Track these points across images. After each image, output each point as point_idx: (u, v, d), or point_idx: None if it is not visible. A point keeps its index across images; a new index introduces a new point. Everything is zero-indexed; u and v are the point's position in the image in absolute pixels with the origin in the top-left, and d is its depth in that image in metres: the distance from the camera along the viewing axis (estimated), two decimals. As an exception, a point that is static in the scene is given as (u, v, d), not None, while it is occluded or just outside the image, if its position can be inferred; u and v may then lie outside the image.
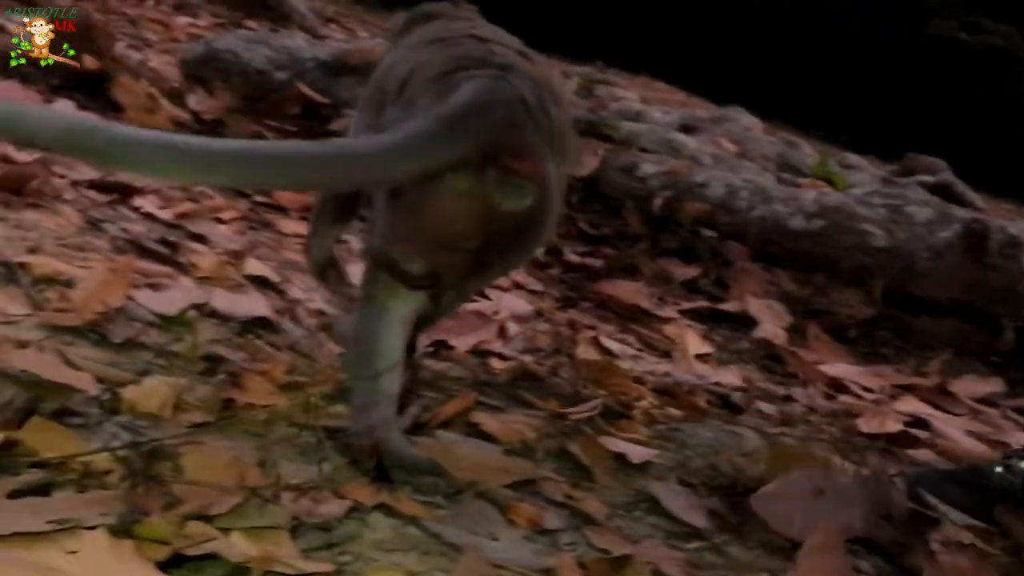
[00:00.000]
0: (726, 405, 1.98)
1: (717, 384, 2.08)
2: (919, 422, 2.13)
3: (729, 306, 2.71)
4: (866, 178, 4.80)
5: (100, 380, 1.28)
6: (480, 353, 1.87)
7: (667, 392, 1.93)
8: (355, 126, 1.56)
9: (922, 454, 1.95)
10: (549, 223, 1.31)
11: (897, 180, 3.39)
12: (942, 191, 4.23)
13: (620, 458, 1.51)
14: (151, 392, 1.26)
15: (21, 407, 1.13)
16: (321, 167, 1.12)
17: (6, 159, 2.08)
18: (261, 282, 1.92)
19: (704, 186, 3.05)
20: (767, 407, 2.03)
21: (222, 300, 1.71)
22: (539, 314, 2.24)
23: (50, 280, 1.59)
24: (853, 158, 6.18)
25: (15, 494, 0.99)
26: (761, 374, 2.31)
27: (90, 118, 1.28)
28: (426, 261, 1.29)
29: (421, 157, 1.14)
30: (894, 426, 2.03)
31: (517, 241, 1.30)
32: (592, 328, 2.26)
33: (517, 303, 2.26)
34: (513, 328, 2.05)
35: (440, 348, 1.85)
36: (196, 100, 3.24)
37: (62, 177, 2.15)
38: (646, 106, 6.37)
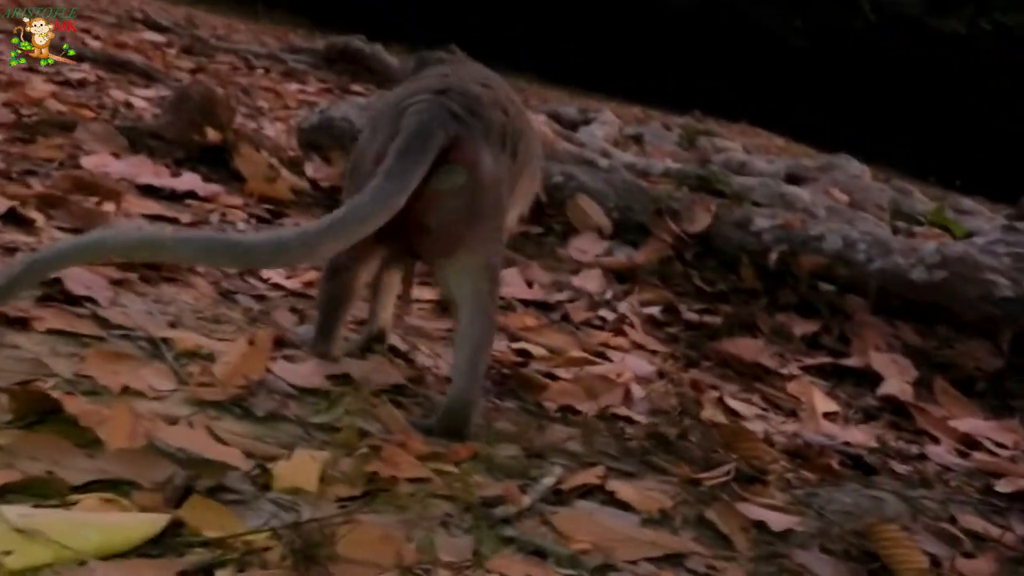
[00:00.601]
0: (859, 466, 1.94)
1: (847, 444, 2.04)
2: (1060, 480, 2.05)
3: (852, 361, 2.66)
4: (983, 224, 4.69)
5: (249, 455, 1.31)
6: (607, 417, 1.87)
7: (798, 454, 1.90)
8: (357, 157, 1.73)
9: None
10: (490, 201, 1.58)
11: (1018, 226, 3.30)
12: (1063, 235, 4.10)
13: (760, 526, 1.49)
14: (299, 467, 1.29)
15: (181, 485, 1.17)
16: (363, 226, 1.44)
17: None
18: (389, 349, 1.95)
19: (820, 239, 3.01)
20: (901, 467, 1.98)
21: (355, 369, 1.74)
22: (661, 375, 2.22)
23: (192, 354, 1.64)
24: (967, 203, 6.05)
25: (182, 575, 1.01)
26: (890, 432, 2.25)
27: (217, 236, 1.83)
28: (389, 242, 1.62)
29: (414, 181, 1.45)
30: (1036, 486, 1.96)
31: (463, 213, 1.56)
32: (715, 388, 2.24)
33: (639, 364, 2.25)
34: (637, 390, 2.04)
35: (567, 413, 1.85)
36: (313, 168, 3.32)
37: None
38: (749, 155, 6.35)
